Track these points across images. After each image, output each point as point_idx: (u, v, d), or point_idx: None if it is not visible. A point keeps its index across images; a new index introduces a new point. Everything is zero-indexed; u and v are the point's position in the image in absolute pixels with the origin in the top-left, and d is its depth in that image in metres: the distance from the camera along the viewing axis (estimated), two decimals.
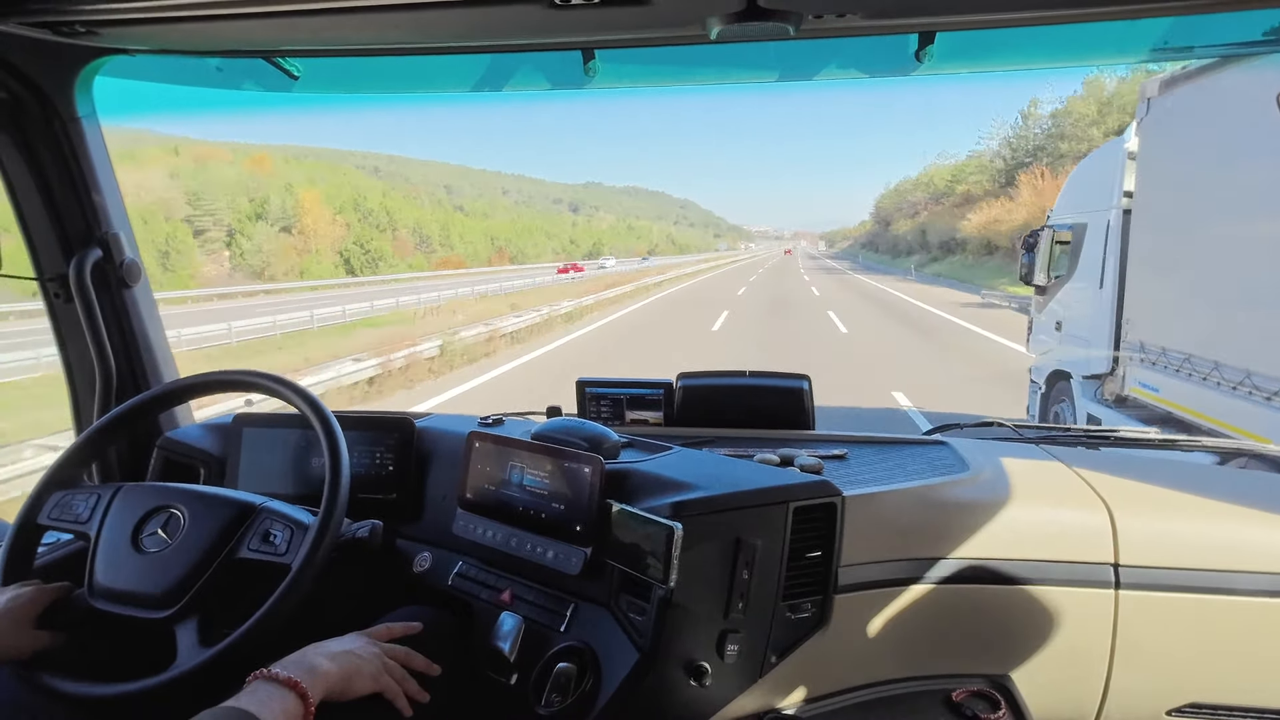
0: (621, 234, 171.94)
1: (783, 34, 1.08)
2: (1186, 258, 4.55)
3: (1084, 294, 5.89)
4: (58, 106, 1.35)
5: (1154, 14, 1.11)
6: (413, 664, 1.03)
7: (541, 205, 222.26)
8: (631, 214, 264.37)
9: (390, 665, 1.00)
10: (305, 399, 1.17)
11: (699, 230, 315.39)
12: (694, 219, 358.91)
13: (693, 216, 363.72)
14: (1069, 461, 1.43)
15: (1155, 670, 1.22)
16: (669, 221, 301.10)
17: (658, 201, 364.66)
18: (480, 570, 1.25)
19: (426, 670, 1.04)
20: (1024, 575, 1.22)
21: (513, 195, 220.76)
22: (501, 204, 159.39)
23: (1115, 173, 5.49)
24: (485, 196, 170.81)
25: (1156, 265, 4.95)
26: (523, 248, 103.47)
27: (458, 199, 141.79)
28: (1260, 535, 1.21)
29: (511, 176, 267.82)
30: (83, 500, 1.13)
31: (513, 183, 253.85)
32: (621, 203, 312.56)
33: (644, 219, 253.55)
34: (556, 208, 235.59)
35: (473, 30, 1.18)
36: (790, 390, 1.67)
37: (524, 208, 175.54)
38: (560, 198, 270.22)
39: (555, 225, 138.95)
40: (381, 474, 1.39)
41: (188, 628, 1.02)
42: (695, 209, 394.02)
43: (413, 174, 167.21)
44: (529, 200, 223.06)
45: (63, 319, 1.48)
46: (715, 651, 1.08)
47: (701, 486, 1.11)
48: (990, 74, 1.40)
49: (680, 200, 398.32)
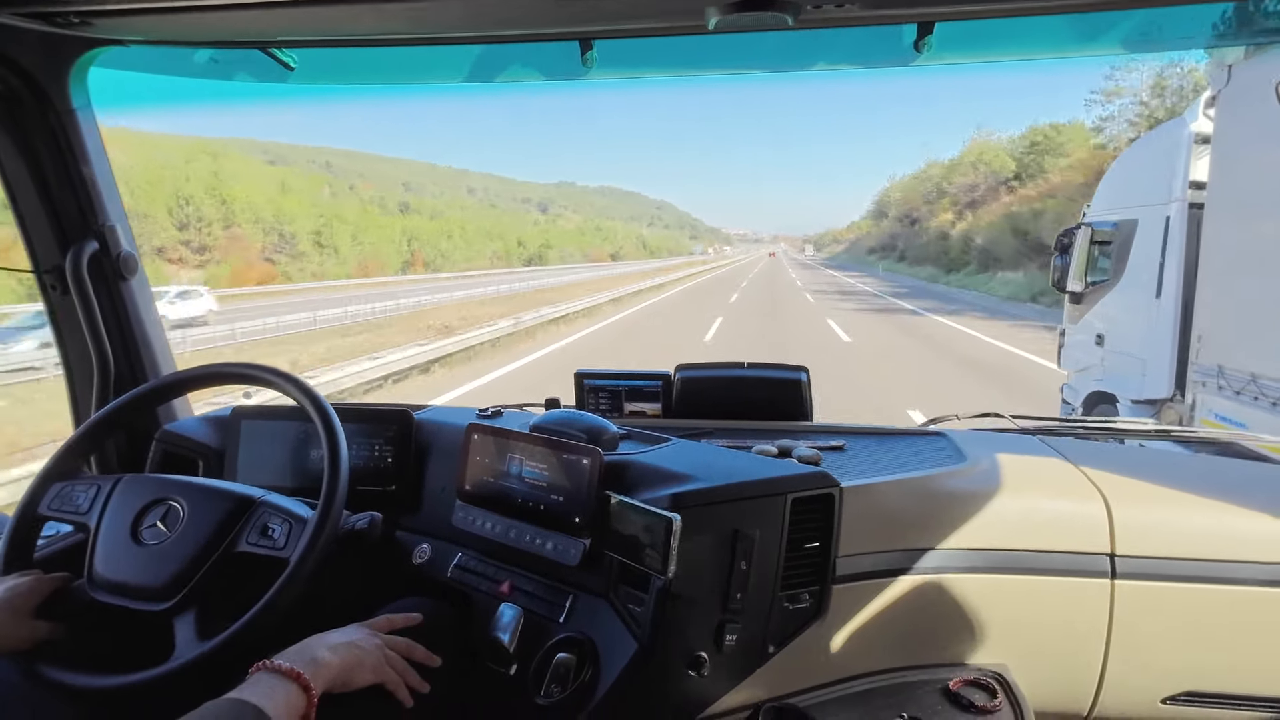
0: (588, 235, 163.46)
1: (781, 24, 1.07)
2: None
3: (1133, 303, 5.13)
4: (53, 98, 1.34)
5: (1153, 4, 1.10)
6: (413, 655, 1.04)
7: (508, 205, 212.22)
8: (604, 214, 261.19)
9: (391, 657, 1.00)
10: (304, 391, 1.17)
11: (674, 232, 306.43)
12: (669, 220, 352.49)
13: (668, 218, 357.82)
14: (1065, 452, 1.43)
15: (1151, 659, 1.22)
16: (643, 223, 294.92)
17: (632, 202, 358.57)
18: (479, 561, 1.26)
19: (426, 661, 1.05)
20: (1020, 565, 1.22)
21: (479, 194, 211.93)
22: (463, 203, 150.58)
23: (1176, 160, 4.72)
24: (447, 195, 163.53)
25: (1241, 271, 4.03)
26: (447, 251, 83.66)
27: (417, 196, 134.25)
28: (1255, 525, 1.22)
29: (480, 175, 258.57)
30: (83, 491, 1.14)
31: (481, 181, 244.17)
32: (594, 203, 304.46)
33: (616, 219, 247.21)
34: (523, 207, 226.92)
35: (471, 20, 1.17)
36: (788, 382, 1.67)
37: (487, 207, 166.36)
38: (529, 197, 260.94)
39: (510, 226, 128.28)
40: (380, 466, 1.39)
41: (186, 620, 1.02)
42: (672, 210, 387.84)
43: (371, 170, 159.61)
44: (495, 199, 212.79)
45: (60, 311, 1.47)
46: (713, 642, 1.08)
47: (700, 478, 1.11)
48: (989, 64, 1.39)
49: (656, 201, 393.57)
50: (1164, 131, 5.38)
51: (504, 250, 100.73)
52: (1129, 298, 5.24)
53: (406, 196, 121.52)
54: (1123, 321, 5.31)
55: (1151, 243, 4.89)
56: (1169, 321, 4.67)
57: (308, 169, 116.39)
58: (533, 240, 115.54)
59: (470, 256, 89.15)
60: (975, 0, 1.10)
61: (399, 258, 72.76)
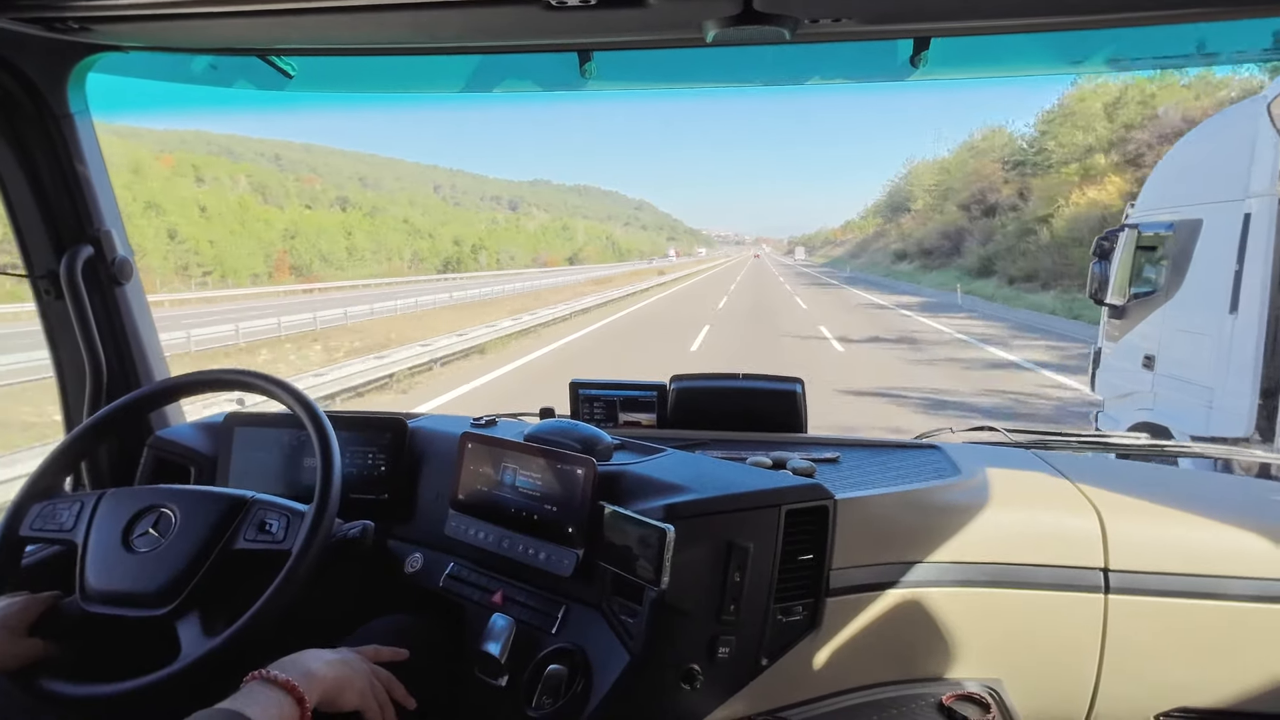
0: (549, 235, 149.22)
1: (778, 38, 1.08)
2: None
3: (1196, 320, 4.29)
4: (51, 103, 1.34)
5: (1148, 22, 1.12)
6: (393, 692, 1.02)
7: (473, 202, 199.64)
8: (578, 213, 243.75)
9: (375, 686, 0.99)
10: (297, 398, 1.17)
11: (650, 233, 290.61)
12: (647, 221, 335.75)
13: (646, 218, 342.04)
14: (1060, 466, 1.44)
15: (1144, 674, 1.22)
16: (618, 222, 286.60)
17: (610, 201, 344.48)
18: (472, 571, 1.25)
19: (404, 702, 1.03)
20: (1014, 579, 1.22)
21: (444, 191, 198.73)
22: (423, 199, 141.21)
23: (1261, 146, 3.93)
24: (409, 190, 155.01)
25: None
26: (331, 252, 66.45)
27: (373, 191, 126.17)
28: (1248, 541, 1.22)
29: (450, 171, 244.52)
30: (66, 508, 1.12)
31: (449, 178, 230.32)
32: (568, 201, 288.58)
33: (590, 219, 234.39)
34: (489, 205, 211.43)
35: (469, 31, 1.18)
36: (783, 393, 1.67)
37: (449, 205, 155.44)
38: (500, 195, 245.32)
39: (464, 224, 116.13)
40: (374, 474, 1.39)
41: (190, 621, 1.01)
42: (651, 210, 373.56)
43: (326, 164, 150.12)
44: (461, 196, 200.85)
45: (53, 316, 1.47)
46: (706, 654, 1.08)
47: (694, 489, 1.11)
48: (984, 79, 1.41)
49: (635, 201, 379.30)
50: (1238, 114, 4.45)
51: (430, 251, 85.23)
52: (1190, 313, 4.37)
53: (351, 191, 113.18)
54: (1181, 341, 4.44)
55: (1222, 246, 4.06)
56: (1250, 342, 3.83)
57: (255, 161, 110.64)
58: (485, 239, 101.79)
59: (386, 257, 74.54)
60: (972, 16, 1.11)
61: (262, 263, 56.14)
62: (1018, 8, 1.07)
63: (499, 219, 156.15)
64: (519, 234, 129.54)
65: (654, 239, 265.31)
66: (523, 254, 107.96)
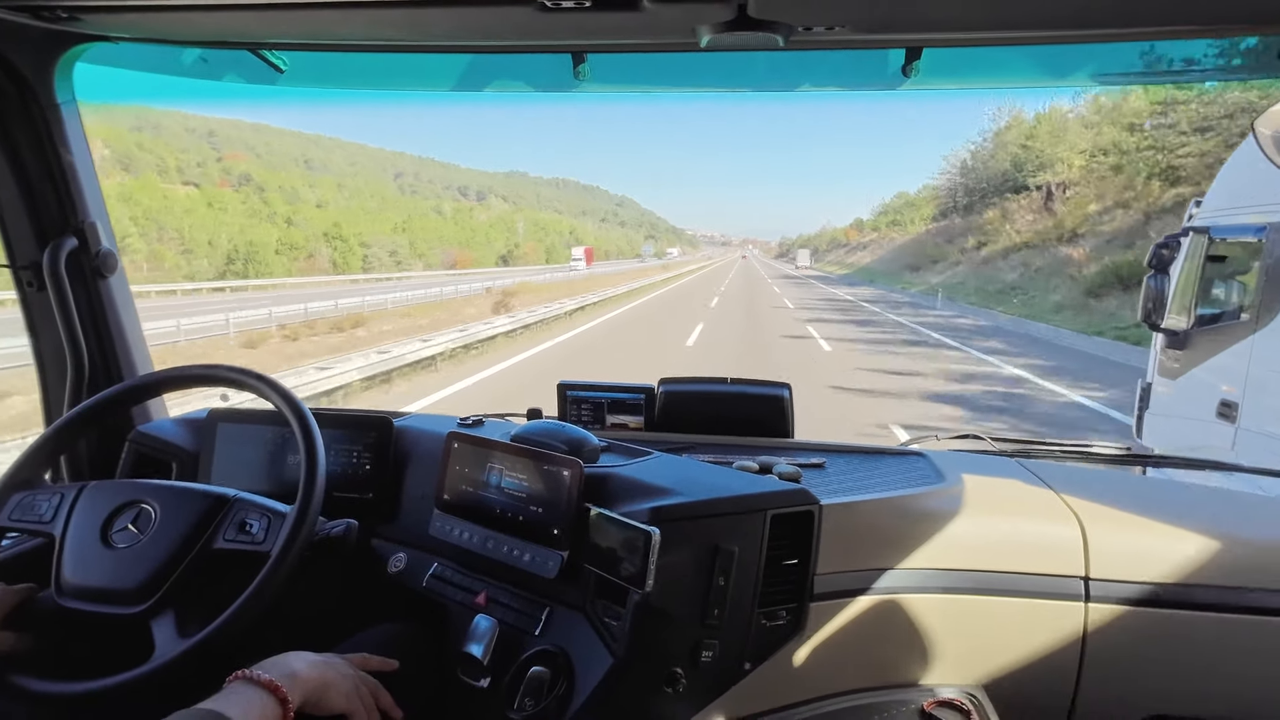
0: (495, 228, 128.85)
1: (772, 44, 1.08)
2: None
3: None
4: (37, 92, 1.32)
5: (1141, 37, 1.13)
6: (380, 700, 1.01)
7: (430, 192, 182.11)
8: (550, 206, 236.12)
9: (362, 691, 0.98)
10: (281, 394, 1.16)
11: (629, 230, 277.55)
12: (627, 217, 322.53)
13: (626, 215, 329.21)
14: (1043, 475, 1.45)
15: (1122, 682, 1.23)
16: (594, 218, 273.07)
17: (590, 196, 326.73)
18: (456, 572, 1.24)
19: (390, 711, 1.02)
20: (996, 587, 1.23)
21: (406, 178, 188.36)
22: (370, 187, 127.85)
23: None
24: (361, 176, 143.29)
25: None
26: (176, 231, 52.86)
27: (315, 174, 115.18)
28: (1227, 550, 1.23)
29: (416, 158, 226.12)
30: (45, 500, 1.10)
31: (415, 165, 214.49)
32: (541, 194, 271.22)
33: (564, 214, 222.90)
34: (451, 195, 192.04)
35: (463, 30, 1.18)
36: (771, 398, 1.67)
37: (404, 195, 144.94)
38: (468, 185, 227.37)
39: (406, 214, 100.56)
40: (358, 473, 1.38)
41: (164, 621, 1.00)
42: (633, 207, 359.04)
43: (269, 145, 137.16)
44: (422, 185, 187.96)
45: (35, 308, 1.45)
46: (690, 657, 1.07)
47: (680, 492, 1.11)
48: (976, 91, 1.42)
49: (617, 198, 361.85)
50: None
51: (300, 241, 65.81)
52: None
53: (268, 172, 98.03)
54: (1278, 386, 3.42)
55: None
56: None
57: (182, 138, 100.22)
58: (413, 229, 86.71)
59: (237, 245, 58.20)
60: (964, 28, 1.12)
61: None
62: (1010, 20, 1.08)
63: (447, 209, 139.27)
64: (459, 228, 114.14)
65: (631, 237, 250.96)
66: (431, 249, 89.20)
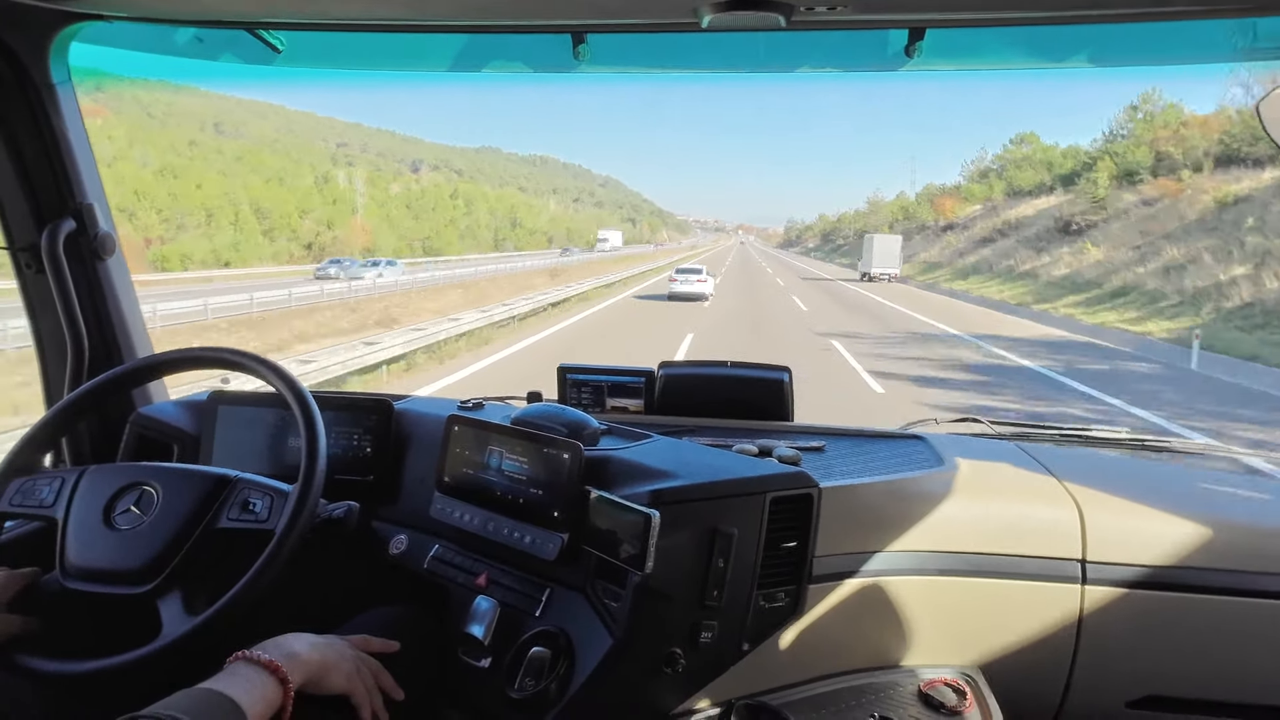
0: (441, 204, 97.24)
1: (774, 24, 1.07)
2: None
3: None
4: (32, 72, 1.31)
5: (1144, 19, 1.12)
6: (381, 681, 1.02)
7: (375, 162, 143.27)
8: (517, 184, 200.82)
9: (363, 672, 0.99)
10: (281, 376, 1.16)
11: (607, 211, 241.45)
12: (606, 198, 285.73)
13: (606, 195, 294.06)
14: (1041, 459, 1.45)
15: (1117, 663, 1.25)
16: (567, 196, 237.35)
17: (569, 175, 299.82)
18: (457, 554, 1.25)
19: (391, 692, 1.03)
20: (994, 569, 1.24)
21: (351, 148, 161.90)
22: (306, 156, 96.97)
23: None
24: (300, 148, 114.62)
25: None
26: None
27: (228, 139, 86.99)
28: (1222, 534, 1.24)
29: (374, 130, 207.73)
30: (46, 484, 1.11)
31: (366, 137, 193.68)
32: (512, 170, 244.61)
33: (529, 193, 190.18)
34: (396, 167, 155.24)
35: (462, 9, 1.16)
36: (770, 381, 1.68)
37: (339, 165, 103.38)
38: (422, 158, 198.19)
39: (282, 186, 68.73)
40: (359, 455, 1.38)
41: (171, 600, 1.01)
42: (617, 188, 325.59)
43: (169, 105, 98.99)
44: (369, 156, 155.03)
45: (33, 291, 1.44)
46: (689, 638, 1.08)
47: (680, 475, 1.11)
48: (979, 72, 1.40)
49: (601, 177, 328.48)
50: None
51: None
52: None
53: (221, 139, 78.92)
54: None
55: None
56: None
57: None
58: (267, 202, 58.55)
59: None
60: (968, 9, 1.10)
61: None
62: (1014, 1, 1.07)
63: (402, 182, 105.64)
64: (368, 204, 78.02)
65: (606, 219, 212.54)
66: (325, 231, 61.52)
